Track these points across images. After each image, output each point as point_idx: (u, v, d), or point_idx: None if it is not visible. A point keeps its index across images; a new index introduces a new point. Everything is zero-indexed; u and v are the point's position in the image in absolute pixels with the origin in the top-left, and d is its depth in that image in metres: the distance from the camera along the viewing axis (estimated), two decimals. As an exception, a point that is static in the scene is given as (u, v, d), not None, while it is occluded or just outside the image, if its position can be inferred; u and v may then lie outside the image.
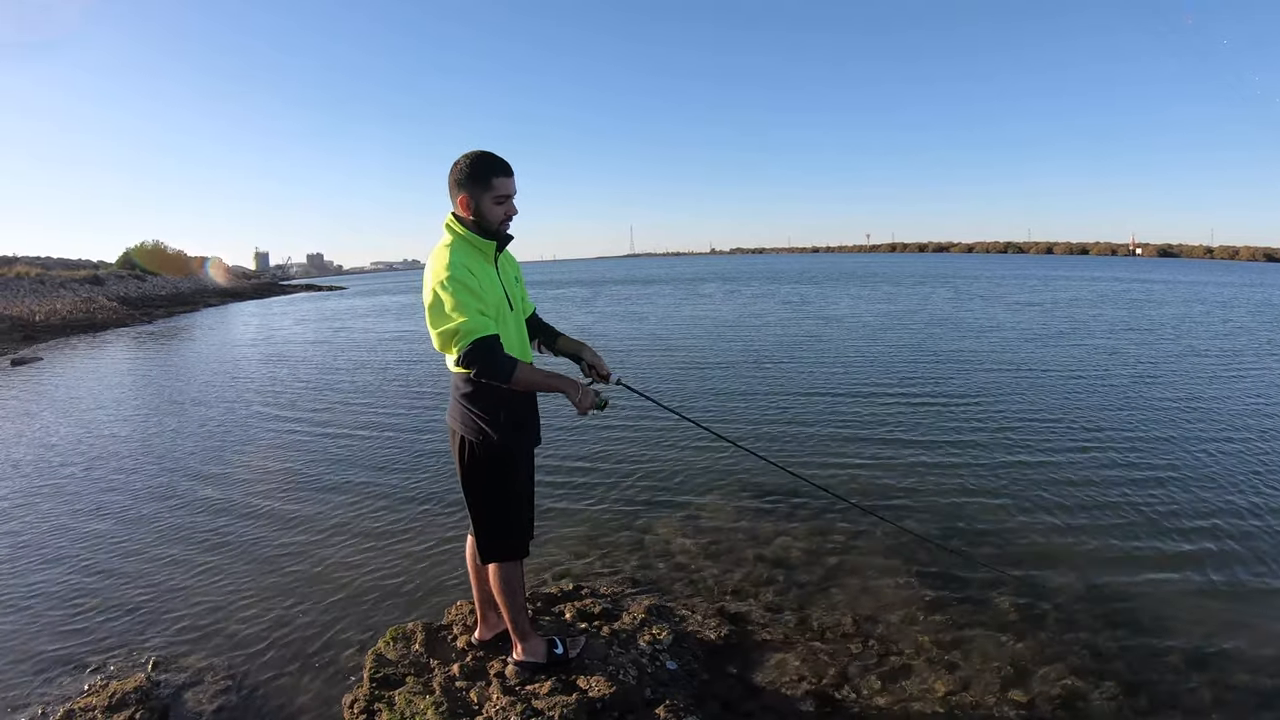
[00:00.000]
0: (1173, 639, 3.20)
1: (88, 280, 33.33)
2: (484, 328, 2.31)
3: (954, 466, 5.60)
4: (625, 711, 2.60)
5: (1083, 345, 12.03)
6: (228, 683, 3.11)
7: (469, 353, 2.30)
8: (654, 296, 28.37)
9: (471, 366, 2.33)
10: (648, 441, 6.55)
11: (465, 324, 2.28)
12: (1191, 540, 4.20)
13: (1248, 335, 13.16)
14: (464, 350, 2.30)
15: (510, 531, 2.64)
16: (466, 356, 2.30)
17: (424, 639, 3.07)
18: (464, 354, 2.30)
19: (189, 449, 7.06)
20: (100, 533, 4.90)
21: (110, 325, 23.30)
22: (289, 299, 42.35)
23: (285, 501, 5.38)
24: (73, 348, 17.37)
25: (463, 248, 2.42)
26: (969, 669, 3.00)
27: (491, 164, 2.40)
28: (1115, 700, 2.78)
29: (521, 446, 2.63)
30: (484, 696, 2.65)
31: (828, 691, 2.88)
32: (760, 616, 3.46)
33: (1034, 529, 4.39)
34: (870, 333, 14.23)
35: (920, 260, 75.83)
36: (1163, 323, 15.32)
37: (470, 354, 2.30)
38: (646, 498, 5.14)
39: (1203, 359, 10.51)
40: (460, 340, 2.30)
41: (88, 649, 3.44)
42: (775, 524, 4.56)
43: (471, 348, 2.29)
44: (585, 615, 3.30)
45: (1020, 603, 3.52)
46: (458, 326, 2.29)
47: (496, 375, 2.35)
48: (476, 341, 2.29)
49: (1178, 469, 5.44)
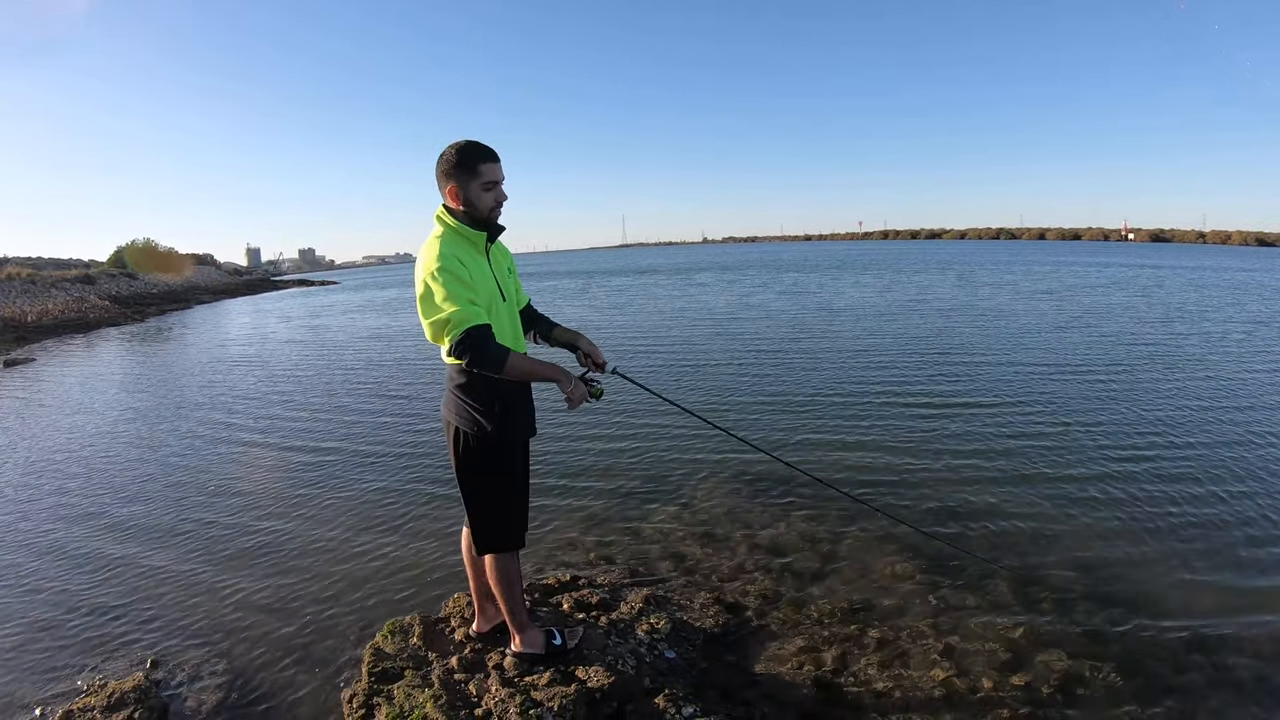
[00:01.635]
0: (1169, 622, 3.23)
1: (79, 280, 33.11)
2: (475, 317, 2.30)
3: (948, 455, 5.62)
4: (624, 701, 2.60)
5: (1087, 333, 12.04)
6: (226, 680, 3.11)
7: (460, 342, 2.29)
8: (650, 287, 28.24)
9: (463, 356, 2.32)
10: (643, 432, 6.55)
11: (456, 314, 2.28)
12: (1185, 524, 4.22)
13: (1253, 320, 13.17)
14: (455, 340, 2.29)
15: (506, 523, 2.64)
16: (458, 346, 2.30)
17: (422, 632, 3.07)
18: (455, 343, 2.30)
19: (182, 448, 7.03)
20: (95, 533, 4.88)
21: (102, 324, 23.21)
22: (281, 295, 42.15)
23: (279, 498, 5.36)
24: (65, 348, 17.28)
25: (453, 239, 2.41)
26: (966, 654, 3.02)
27: (477, 151, 2.40)
28: (1113, 683, 2.80)
29: (517, 437, 2.62)
30: (483, 688, 2.65)
31: (826, 678, 2.89)
32: (757, 605, 3.47)
33: (1029, 515, 4.41)
34: (874, 323, 14.07)
35: (917, 247, 75.62)
36: (1179, 308, 14.95)
37: (462, 343, 2.29)
38: (643, 488, 5.14)
39: (1209, 343, 10.54)
40: (452, 330, 2.29)
41: (85, 649, 3.43)
42: (771, 513, 4.57)
43: (463, 337, 2.28)
44: (583, 606, 3.30)
45: (1016, 588, 3.54)
46: (449, 316, 2.29)
47: (488, 365, 2.34)
48: (468, 331, 2.28)
49: (1170, 455, 5.47)
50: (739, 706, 2.72)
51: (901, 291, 20.80)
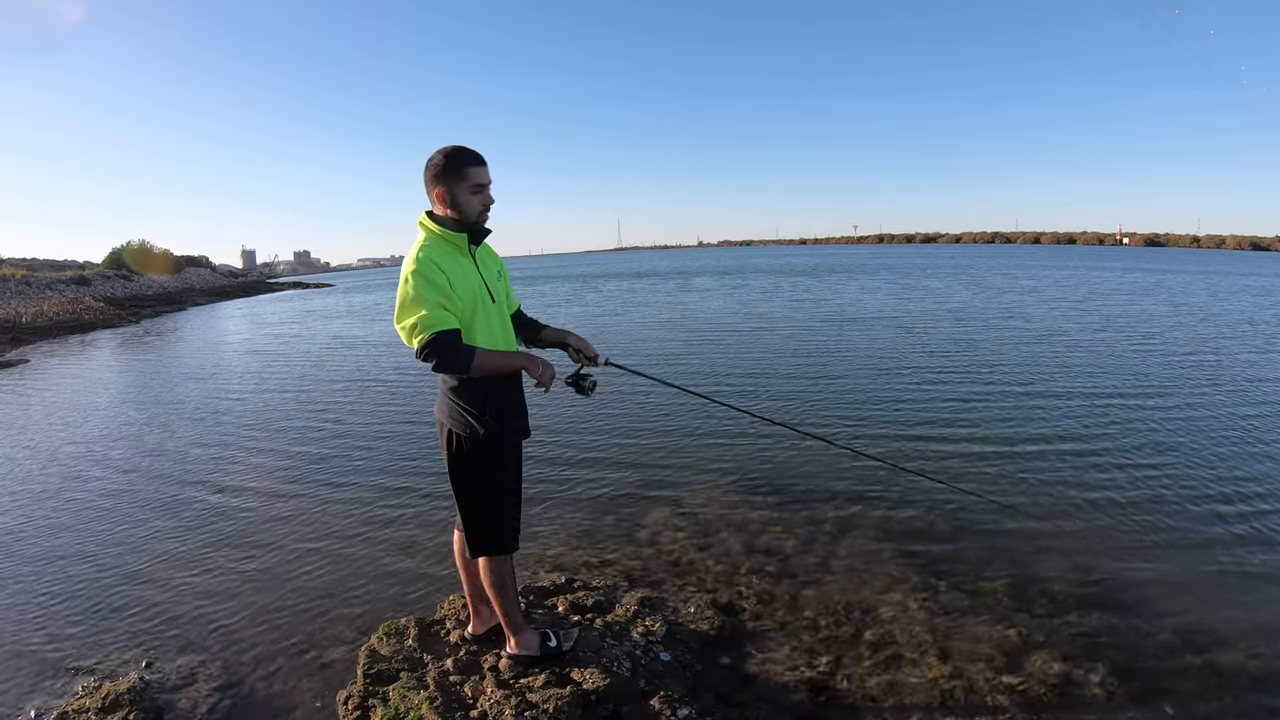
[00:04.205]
0: (1163, 621, 3.24)
1: (74, 281, 33.05)
2: (442, 321, 2.32)
3: (945, 455, 5.64)
4: (620, 703, 2.60)
5: (1087, 332, 12.08)
6: (221, 681, 3.10)
7: (425, 345, 2.31)
8: (649, 293, 28.20)
9: (429, 360, 2.34)
10: (637, 433, 6.55)
11: (424, 318, 2.30)
12: (1179, 524, 4.24)
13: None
14: (422, 343, 2.31)
15: (499, 525, 2.64)
16: (423, 350, 2.32)
17: (417, 634, 3.07)
18: (421, 347, 2.32)
19: (175, 451, 7.01)
20: (89, 536, 4.85)
21: (97, 326, 23.10)
22: (275, 297, 42.07)
23: (273, 501, 5.35)
24: (60, 350, 17.21)
25: (433, 243, 2.43)
26: (962, 655, 3.02)
27: (464, 155, 2.43)
28: (1108, 683, 2.81)
29: (509, 440, 2.62)
30: (478, 690, 2.65)
31: (821, 680, 2.89)
32: (752, 607, 3.47)
33: (1024, 515, 4.41)
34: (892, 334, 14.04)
35: (916, 252, 75.53)
36: (1213, 316, 14.90)
37: (427, 347, 2.31)
38: (636, 490, 5.14)
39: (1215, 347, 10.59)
40: (419, 334, 2.31)
41: (80, 651, 3.41)
42: (765, 514, 4.57)
43: (429, 341, 2.30)
44: (578, 608, 3.30)
45: (1011, 588, 3.55)
46: (416, 320, 2.31)
47: (454, 367, 2.37)
48: (434, 335, 2.30)
49: (1166, 454, 5.49)
50: (734, 708, 2.72)
51: (921, 300, 20.78)
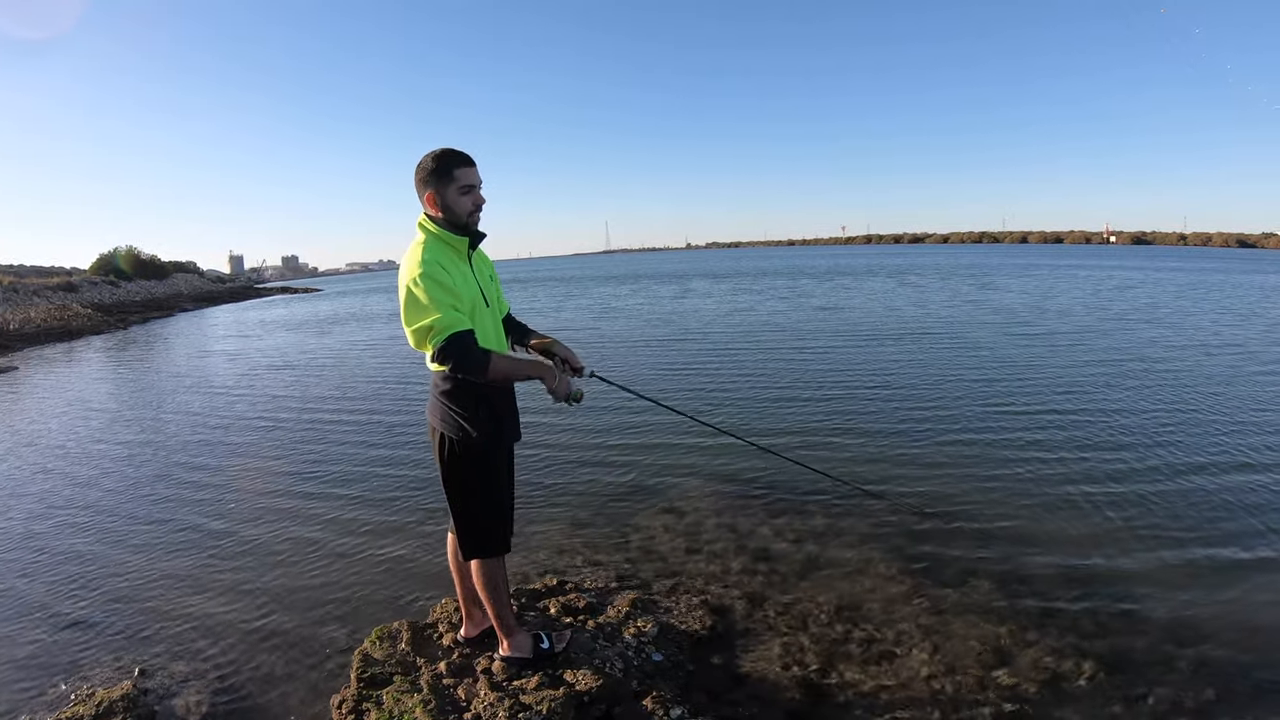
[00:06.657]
0: (1152, 615, 3.28)
1: (61, 288, 32.83)
2: (458, 323, 2.32)
3: (931, 453, 5.67)
4: (612, 704, 2.62)
5: (1073, 337, 12.16)
6: (214, 687, 3.09)
7: (443, 348, 2.30)
8: (646, 295, 28.18)
9: (446, 362, 2.33)
10: (626, 436, 6.57)
11: (439, 320, 2.30)
12: (1165, 518, 4.28)
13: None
14: (439, 346, 2.31)
15: (491, 528, 2.65)
16: (441, 352, 2.31)
17: (410, 637, 3.08)
18: (438, 349, 2.31)
19: (166, 457, 6.98)
20: (80, 543, 4.83)
21: (85, 332, 22.93)
22: (264, 302, 41.87)
23: (265, 506, 5.33)
24: (48, 356, 17.08)
25: (436, 245, 2.43)
26: (952, 652, 3.05)
27: (452, 157, 2.44)
28: (1098, 678, 2.84)
29: (502, 443, 2.64)
30: (472, 693, 2.66)
31: (812, 678, 2.91)
32: (743, 607, 3.49)
33: (1011, 513, 4.46)
34: (881, 333, 14.14)
35: (908, 253, 75.64)
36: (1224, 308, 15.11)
37: (445, 349, 2.31)
38: (628, 492, 5.16)
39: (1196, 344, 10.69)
40: (435, 336, 2.31)
41: (73, 658, 3.40)
42: (755, 514, 4.59)
43: (446, 343, 2.30)
44: (570, 610, 3.31)
45: (1000, 585, 3.58)
46: (431, 323, 2.30)
47: (472, 370, 2.36)
48: (451, 337, 2.30)
49: (1152, 450, 5.54)
50: (726, 707, 2.74)
51: (927, 302, 20.86)
